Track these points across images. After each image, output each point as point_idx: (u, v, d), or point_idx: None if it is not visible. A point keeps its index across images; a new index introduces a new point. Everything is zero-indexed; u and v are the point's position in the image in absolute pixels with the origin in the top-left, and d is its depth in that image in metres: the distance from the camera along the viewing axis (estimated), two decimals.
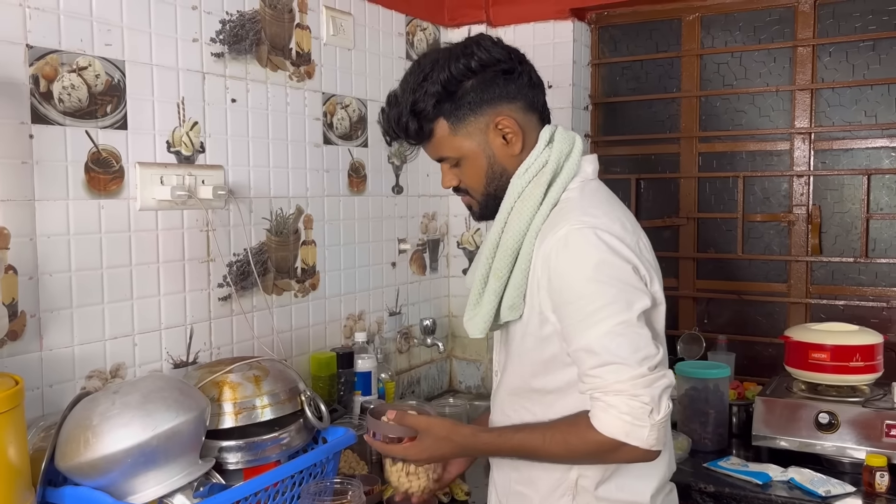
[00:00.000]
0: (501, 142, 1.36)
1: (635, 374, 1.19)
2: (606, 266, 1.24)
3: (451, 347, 2.78)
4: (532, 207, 1.31)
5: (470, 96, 1.34)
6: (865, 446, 1.88)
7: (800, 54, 2.44)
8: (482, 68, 1.33)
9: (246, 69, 1.91)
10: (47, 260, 1.50)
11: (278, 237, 2.02)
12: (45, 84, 1.48)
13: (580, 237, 1.25)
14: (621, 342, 1.20)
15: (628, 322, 1.21)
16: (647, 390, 1.18)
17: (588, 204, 1.32)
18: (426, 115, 1.34)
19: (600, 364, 1.21)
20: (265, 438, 1.48)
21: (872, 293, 2.38)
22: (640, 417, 1.18)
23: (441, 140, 1.37)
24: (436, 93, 1.32)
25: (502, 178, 1.37)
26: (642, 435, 1.18)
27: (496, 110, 1.35)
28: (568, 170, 1.35)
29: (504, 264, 1.32)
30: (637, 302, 1.23)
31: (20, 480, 1.18)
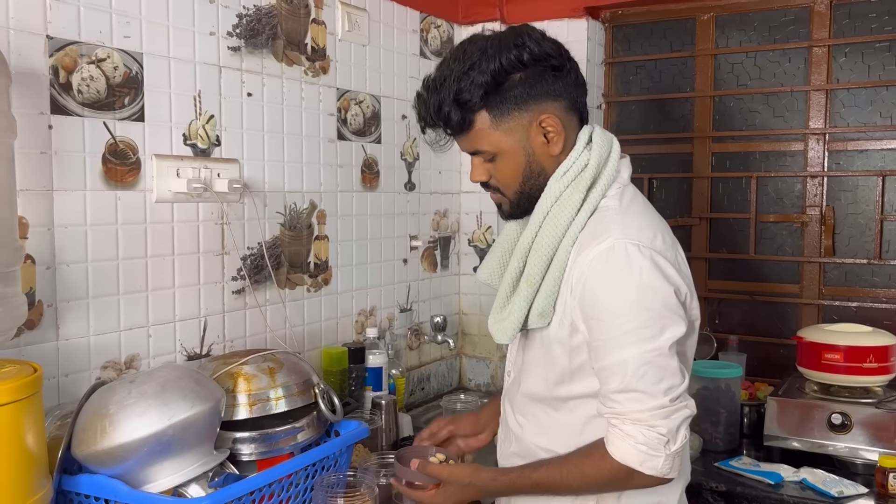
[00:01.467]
0: (542, 140, 1.31)
1: (656, 405, 1.19)
2: (648, 288, 1.21)
3: (461, 345, 2.79)
4: (570, 213, 1.28)
5: (517, 90, 1.28)
6: (878, 447, 1.88)
7: (815, 54, 2.43)
8: (534, 62, 1.28)
9: (262, 63, 1.92)
10: (64, 250, 1.50)
11: (292, 232, 2.03)
12: (64, 75, 1.49)
13: (624, 253, 1.22)
14: (647, 371, 1.19)
15: (658, 350, 1.20)
16: (665, 421, 1.19)
17: (630, 215, 1.28)
18: (470, 106, 1.28)
19: (622, 390, 1.20)
20: (279, 430, 1.48)
21: (886, 295, 2.37)
22: (655, 448, 1.19)
23: (480, 133, 1.31)
24: (483, 83, 1.26)
25: (539, 177, 1.33)
26: (657, 465, 1.19)
27: (541, 107, 1.30)
28: (607, 175, 1.31)
29: (537, 270, 1.29)
30: (671, 329, 1.21)
31: (37, 468, 1.18)
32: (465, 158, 2.71)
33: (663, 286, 1.22)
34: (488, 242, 2.72)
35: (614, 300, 1.22)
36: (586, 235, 1.27)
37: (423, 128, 1.37)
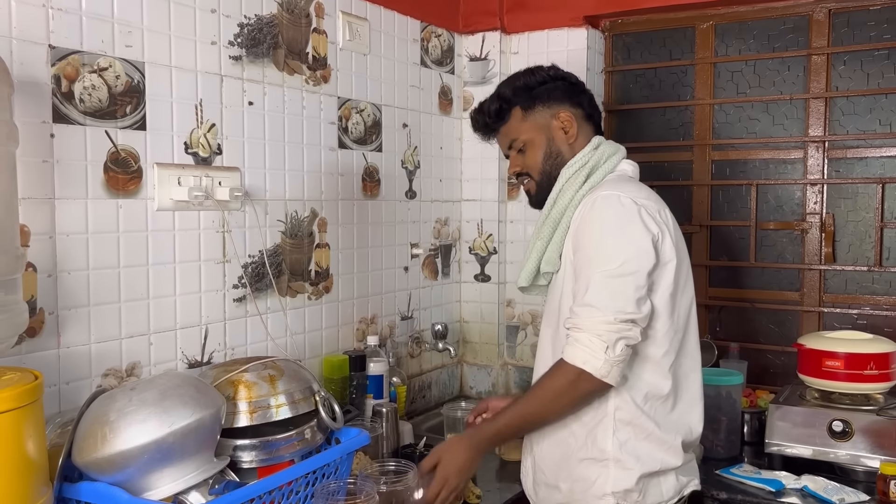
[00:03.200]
0: (561, 130, 1.68)
1: (603, 319, 1.43)
2: (620, 224, 1.50)
3: (462, 352, 2.79)
4: (575, 188, 1.61)
5: (543, 93, 1.69)
6: (880, 455, 1.88)
7: (814, 63, 2.44)
8: (557, 78, 1.72)
9: (263, 72, 1.93)
10: (66, 258, 1.51)
11: (293, 239, 2.03)
12: (66, 84, 1.50)
13: (605, 199, 1.53)
14: (603, 292, 1.45)
15: (617, 275, 1.45)
16: (607, 333, 1.43)
17: (619, 182, 1.60)
18: (506, 99, 1.70)
19: (581, 304, 1.47)
20: (279, 438, 1.48)
21: (886, 302, 2.37)
22: (596, 351, 1.43)
23: (513, 124, 1.71)
24: (518, 87, 1.71)
25: (557, 158, 1.67)
26: (597, 365, 1.43)
27: (561, 106, 1.69)
28: (608, 166, 1.64)
29: (547, 230, 1.63)
30: (634, 260, 1.47)
31: (38, 475, 1.18)
32: (466, 167, 2.74)
33: (632, 224, 1.49)
34: (489, 250, 2.72)
35: (592, 232, 1.53)
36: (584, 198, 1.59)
37: (474, 126, 1.80)
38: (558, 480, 1.59)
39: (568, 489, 1.57)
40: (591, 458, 1.54)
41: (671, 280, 1.53)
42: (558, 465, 1.59)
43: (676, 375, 1.57)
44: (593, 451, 1.54)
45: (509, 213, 2.74)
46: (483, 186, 2.72)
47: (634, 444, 1.53)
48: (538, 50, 2.65)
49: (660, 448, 1.54)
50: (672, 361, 1.56)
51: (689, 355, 1.62)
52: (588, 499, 1.55)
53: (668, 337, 1.54)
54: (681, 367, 1.59)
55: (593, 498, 1.54)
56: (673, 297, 1.54)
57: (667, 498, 1.56)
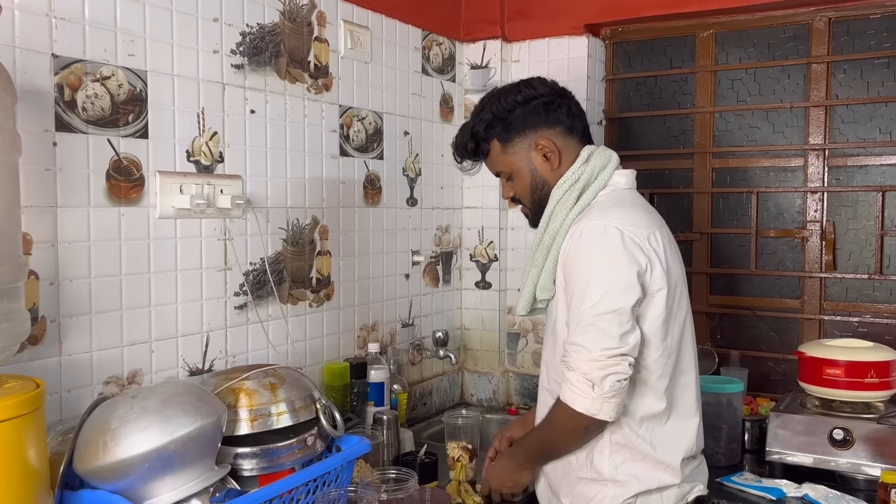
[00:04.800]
0: (542, 159, 1.64)
1: (590, 357, 1.45)
2: (603, 258, 1.49)
3: (463, 360, 2.79)
4: (566, 211, 1.58)
5: (516, 122, 1.64)
6: (880, 463, 1.87)
7: (814, 71, 2.45)
8: (526, 101, 1.64)
9: (265, 81, 1.94)
10: (67, 266, 1.52)
11: (294, 247, 2.04)
12: (69, 93, 1.51)
13: (592, 229, 1.51)
14: (589, 330, 1.46)
15: (601, 312, 1.45)
16: (594, 372, 1.44)
17: (611, 206, 1.57)
18: (481, 137, 1.67)
19: (569, 343, 1.49)
20: (280, 446, 1.48)
21: (887, 310, 2.37)
22: (583, 390, 1.45)
23: (495, 157, 1.69)
24: (488, 119, 1.66)
25: (544, 188, 1.65)
26: (584, 403, 1.45)
27: (538, 133, 1.64)
28: (600, 181, 1.60)
29: (540, 256, 1.61)
30: (617, 297, 1.46)
31: (39, 483, 1.19)
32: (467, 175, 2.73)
33: (619, 258, 1.48)
34: (490, 258, 2.73)
35: (577, 266, 1.52)
36: (573, 224, 1.57)
37: (458, 161, 1.77)
38: (561, 494, 1.63)
39: (569, 502, 1.61)
40: (590, 478, 1.57)
41: (662, 308, 1.52)
42: (560, 481, 1.63)
43: (671, 395, 1.58)
44: (591, 472, 1.57)
45: (510, 220, 2.75)
46: (484, 194, 2.73)
47: (631, 466, 1.55)
48: (539, 58, 2.66)
49: (657, 468, 1.56)
50: (666, 384, 1.56)
51: (685, 372, 1.62)
52: None
53: (661, 363, 1.55)
54: (676, 386, 1.59)
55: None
56: (665, 323, 1.54)
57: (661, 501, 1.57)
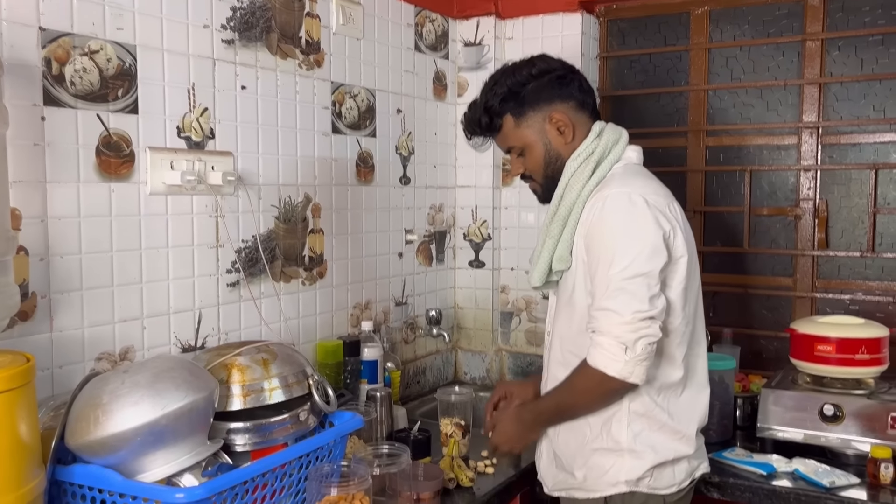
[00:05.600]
0: (556, 132, 1.65)
1: (622, 321, 1.44)
2: (631, 225, 1.50)
3: (456, 339, 2.79)
4: (582, 182, 1.59)
5: (530, 96, 1.64)
6: (870, 438, 1.89)
7: (808, 48, 2.44)
8: (541, 74, 1.65)
9: (256, 56, 1.92)
10: (58, 242, 1.51)
11: (286, 225, 2.03)
12: (57, 67, 1.49)
13: (617, 198, 1.52)
14: (620, 294, 1.46)
15: (630, 276, 1.46)
16: (626, 334, 1.44)
17: (629, 177, 1.59)
18: (495, 111, 1.66)
19: (599, 308, 1.48)
20: (273, 421, 1.48)
21: (879, 287, 2.38)
22: (616, 353, 1.45)
23: (507, 132, 1.68)
24: (502, 93, 1.65)
25: (557, 162, 1.65)
26: (617, 367, 1.45)
27: (552, 107, 1.64)
28: (614, 155, 1.62)
29: (556, 227, 1.61)
30: (647, 261, 1.47)
31: (31, 457, 1.19)
32: (460, 153, 2.73)
33: (644, 223, 1.50)
34: (483, 237, 2.72)
35: (603, 233, 1.52)
36: (594, 194, 1.57)
37: (468, 136, 1.76)
38: (573, 468, 1.63)
39: (582, 476, 1.61)
40: (606, 448, 1.58)
41: (683, 275, 1.56)
42: (573, 453, 1.63)
43: (687, 365, 1.61)
44: (608, 441, 1.57)
45: (504, 199, 2.74)
46: (477, 173, 2.72)
47: (648, 435, 1.56)
48: (533, 35, 2.65)
49: (673, 437, 1.58)
50: (685, 352, 1.59)
51: (698, 343, 1.66)
52: (601, 486, 1.59)
53: (681, 330, 1.57)
54: (691, 356, 1.62)
55: (607, 485, 1.58)
56: (685, 290, 1.57)
57: (678, 481, 1.60)
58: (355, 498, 1.42)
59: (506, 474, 1.86)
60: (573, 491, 1.65)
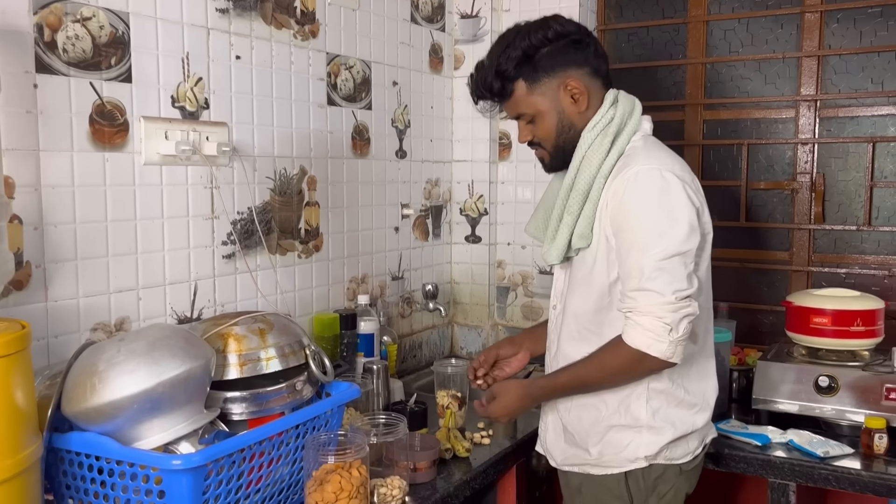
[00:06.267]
0: (570, 100, 1.58)
1: (664, 300, 1.42)
2: (666, 203, 1.46)
3: (453, 313, 2.79)
4: (601, 155, 1.53)
5: (545, 60, 1.56)
6: (864, 409, 1.90)
7: (807, 20, 2.42)
8: (557, 38, 1.56)
9: (250, 26, 1.90)
10: (52, 211, 1.50)
11: (282, 197, 2.02)
12: (49, 33, 1.47)
13: (648, 174, 1.47)
14: (660, 274, 1.42)
15: (670, 255, 1.43)
16: (670, 314, 1.41)
17: (652, 150, 1.54)
18: (507, 76, 1.57)
19: (638, 289, 1.44)
20: (270, 390, 1.48)
21: (875, 261, 2.38)
22: (660, 334, 1.42)
23: (519, 98, 1.59)
24: (517, 57, 1.56)
25: (570, 132, 1.59)
26: (662, 348, 1.43)
27: (567, 73, 1.57)
28: (632, 125, 1.57)
29: (576, 203, 1.55)
30: (683, 240, 1.44)
31: (27, 424, 1.18)
32: (457, 127, 2.71)
33: (679, 202, 1.46)
34: (480, 212, 2.72)
35: (637, 212, 1.47)
36: (617, 169, 1.52)
37: (475, 100, 1.66)
38: (587, 444, 1.60)
39: (598, 452, 1.59)
40: (624, 424, 1.56)
41: (709, 251, 1.56)
42: (587, 430, 1.60)
43: (701, 338, 1.61)
44: (626, 418, 1.56)
45: (500, 174, 2.73)
46: (474, 147, 2.71)
47: (667, 411, 1.56)
48: (530, 7, 2.62)
49: (690, 411, 1.58)
50: (701, 326, 1.58)
51: (708, 316, 1.65)
52: (619, 461, 1.57)
53: (705, 307, 1.58)
54: (703, 329, 1.62)
55: (625, 461, 1.57)
56: (709, 266, 1.58)
57: (692, 449, 1.61)
58: (352, 467, 1.42)
59: (502, 445, 1.87)
60: (588, 467, 1.62)
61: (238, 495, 1.35)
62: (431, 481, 1.64)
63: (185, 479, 1.23)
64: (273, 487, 1.43)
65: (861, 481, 1.74)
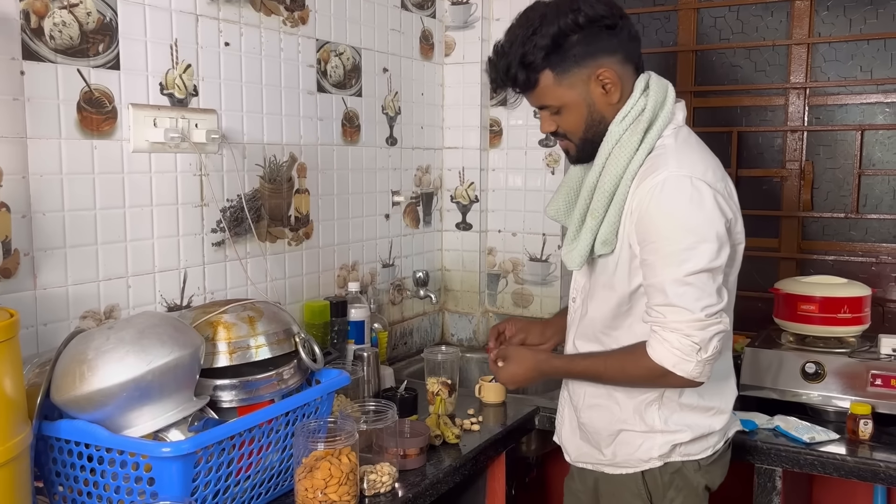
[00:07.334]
0: (601, 91, 1.46)
1: (693, 318, 1.35)
2: (695, 215, 1.37)
3: (443, 300, 2.80)
4: (629, 153, 1.43)
5: (575, 49, 1.43)
6: (850, 395, 1.92)
7: (797, 8, 2.43)
8: (588, 23, 1.42)
9: (239, 12, 1.89)
10: (40, 198, 1.49)
11: (272, 184, 2.02)
12: (35, 20, 1.46)
13: (676, 183, 1.38)
14: (688, 290, 1.35)
15: (699, 272, 1.35)
16: (699, 332, 1.35)
17: (684, 151, 1.43)
18: (534, 67, 1.44)
19: (666, 304, 1.37)
20: (259, 377, 1.49)
21: (862, 248, 2.40)
22: (688, 354, 1.36)
23: (545, 89, 1.47)
24: (545, 46, 1.42)
25: (600, 125, 1.48)
26: (688, 368, 1.36)
27: (598, 62, 1.44)
28: (663, 117, 1.45)
29: (601, 205, 1.45)
30: (713, 254, 1.36)
31: (16, 412, 1.18)
32: (447, 114, 2.71)
33: (710, 214, 1.37)
34: (471, 199, 2.72)
35: (665, 224, 1.38)
36: (645, 171, 1.42)
37: (494, 89, 1.56)
38: (600, 444, 1.58)
39: (611, 452, 1.56)
40: (638, 430, 1.53)
41: (739, 261, 1.50)
42: (599, 430, 1.57)
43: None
44: (640, 424, 1.52)
45: (491, 161, 2.73)
46: (465, 134, 2.70)
47: (681, 416, 1.51)
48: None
49: (706, 414, 1.54)
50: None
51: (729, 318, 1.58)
52: (633, 462, 1.54)
53: (731, 315, 1.50)
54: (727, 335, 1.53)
55: (639, 461, 1.54)
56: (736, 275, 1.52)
57: (712, 444, 1.56)
58: (342, 453, 1.43)
59: (492, 431, 1.88)
60: (602, 467, 1.59)
61: (228, 482, 1.35)
62: (421, 468, 1.65)
63: (175, 467, 1.24)
64: (263, 474, 1.44)
65: (846, 466, 1.76)
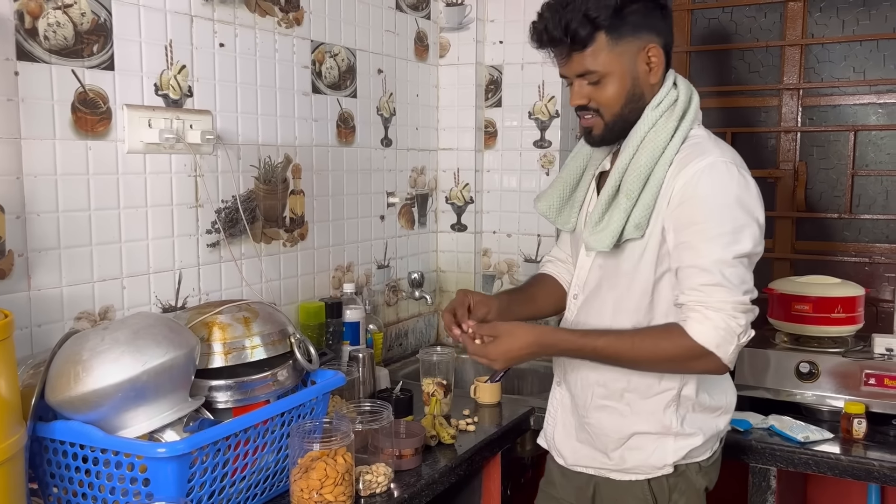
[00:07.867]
0: (646, 68, 1.46)
1: (738, 300, 1.35)
2: (743, 200, 1.38)
3: (439, 302, 2.80)
4: (665, 139, 1.43)
5: (635, 18, 1.42)
6: (844, 395, 1.93)
7: (791, 9, 2.44)
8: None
9: (234, 13, 1.89)
10: (34, 199, 1.49)
11: (267, 185, 2.02)
12: (30, 20, 1.46)
13: (725, 169, 1.39)
14: (735, 271, 1.36)
15: (744, 256, 1.37)
16: (744, 315, 1.36)
17: (716, 142, 1.46)
18: (597, 24, 1.40)
19: (711, 283, 1.35)
20: (255, 378, 1.48)
21: (856, 249, 2.41)
22: (731, 335, 1.35)
23: (596, 52, 1.43)
24: (611, 5, 1.40)
25: (639, 101, 1.47)
26: (728, 349, 1.35)
27: (649, 38, 1.45)
28: (693, 111, 1.48)
29: (635, 185, 1.43)
30: (758, 243, 1.39)
31: (11, 413, 1.18)
32: (442, 115, 2.71)
33: (756, 204, 1.40)
34: (466, 200, 2.72)
35: (713, 206, 1.38)
36: (684, 157, 1.42)
37: (538, 46, 1.49)
38: (607, 448, 1.54)
39: (619, 457, 1.52)
40: (650, 432, 1.50)
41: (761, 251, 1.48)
42: (607, 434, 1.53)
43: None
44: (654, 426, 1.49)
45: (486, 162, 2.74)
46: (460, 135, 2.71)
47: (693, 417, 1.50)
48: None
49: (713, 414, 1.54)
50: None
51: None
52: (646, 468, 1.51)
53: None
54: None
55: (651, 468, 1.51)
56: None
57: (711, 445, 1.56)
58: (337, 454, 1.43)
59: (487, 432, 1.89)
60: (607, 472, 1.55)
61: (223, 483, 1.35)
62: (416, 468, 1.65)
63: (170, 467, 1.24)
64: (258, 475, 1.44)
65: (840, 465, 1.77)
